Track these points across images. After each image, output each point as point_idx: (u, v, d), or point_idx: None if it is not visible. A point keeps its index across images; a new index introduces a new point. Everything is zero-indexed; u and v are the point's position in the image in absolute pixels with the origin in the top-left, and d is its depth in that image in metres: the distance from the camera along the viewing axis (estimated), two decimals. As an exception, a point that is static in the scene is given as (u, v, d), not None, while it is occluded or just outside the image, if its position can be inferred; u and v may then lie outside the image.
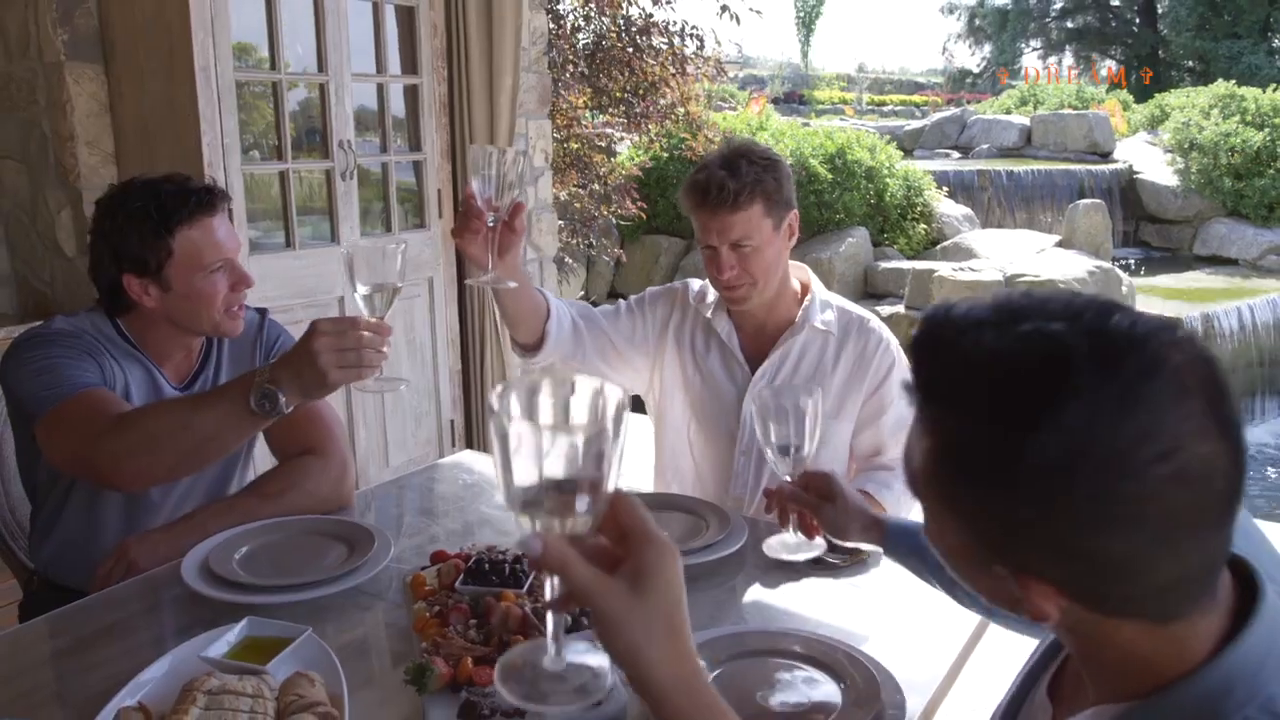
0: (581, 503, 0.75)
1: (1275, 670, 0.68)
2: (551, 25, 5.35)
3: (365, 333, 1.42)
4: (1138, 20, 26.23)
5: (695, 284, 2.18)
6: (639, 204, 6.20)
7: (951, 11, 30.12)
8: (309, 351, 1.41)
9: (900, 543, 1.43)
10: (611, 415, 0.73)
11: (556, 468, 0.73)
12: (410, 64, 3.60)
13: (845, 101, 26.56)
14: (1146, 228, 10.86)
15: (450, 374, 3.86)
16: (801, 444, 1.50)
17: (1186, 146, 10.53)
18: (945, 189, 10.32)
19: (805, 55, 40.22)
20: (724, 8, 6.27)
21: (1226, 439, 0.65)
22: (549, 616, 0.84)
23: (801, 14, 40.02)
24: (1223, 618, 0.71)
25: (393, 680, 1.31)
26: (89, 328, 1.73)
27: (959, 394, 0.69)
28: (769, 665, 1.29)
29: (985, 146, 13.80)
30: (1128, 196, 10.91)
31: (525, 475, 0.73)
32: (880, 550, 1.62)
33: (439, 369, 3.80)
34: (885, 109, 25.37)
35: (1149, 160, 11.34)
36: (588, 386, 0.77)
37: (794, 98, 26.78)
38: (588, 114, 6.01)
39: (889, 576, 1.60)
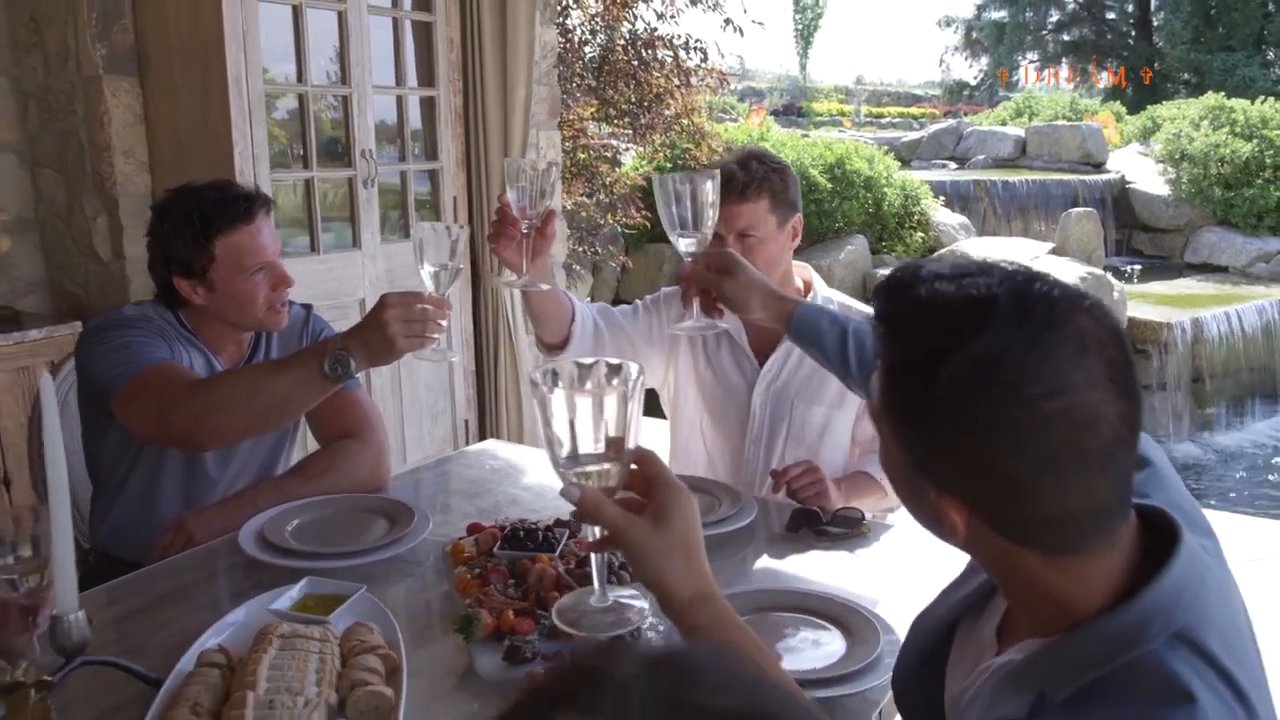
0: (611, 456, 0.96)
1: (1189, 605, 0.78)
2: (560, 39, 5.51)
3: (429, 306, 1.56)
4: (1133, 33, 26.47)
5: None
6: (643, 213, 6.37)
7: (948, 24, 30.38)
8: (379, 321, 1.54)
9: (803, 326, 1.59)
10: (631, 386, 0.94)
11: (590, 429, 0.94)
12: (427, 77, 3.75)
13: (843, 114, 26.71)
14: (1139, 236, 11.04)
15: (465, 374, 4.00)
16: (700, 223, 1.54)
17: (1177, 157, 10.72)
18: (942, 198, 10.49)
19: (803, 68, 40.42)
20: (728, 21, 6.45)
21: (1120, 397, 0.76)
22: (592, 558, 1.07)
23: (800, 27, 40.23)
24: (1124, 561, 0.82)
25: (441, 633, 1.45)
26: (154, 315, 1.88)
27: (906, 327, 0.82)
28: (779, 619, 1.44)
29: (981, 157, 13.97)
30: (1120, 205, 11.09)
31: (566, 437, 0.94)
32: (864, 517, 1.78)
33: (454, 369, 3.94)
34: (883, 121, 25.54)
35: (1141, 170, 11.52)
36: (613, 364, 0.99)
37: (792, 110, 26.93)
38: (593, 125, 6.17)
39: (888, 548, 1.74)
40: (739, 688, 0.45)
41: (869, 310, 2.26)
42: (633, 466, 0.97)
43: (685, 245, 1.57)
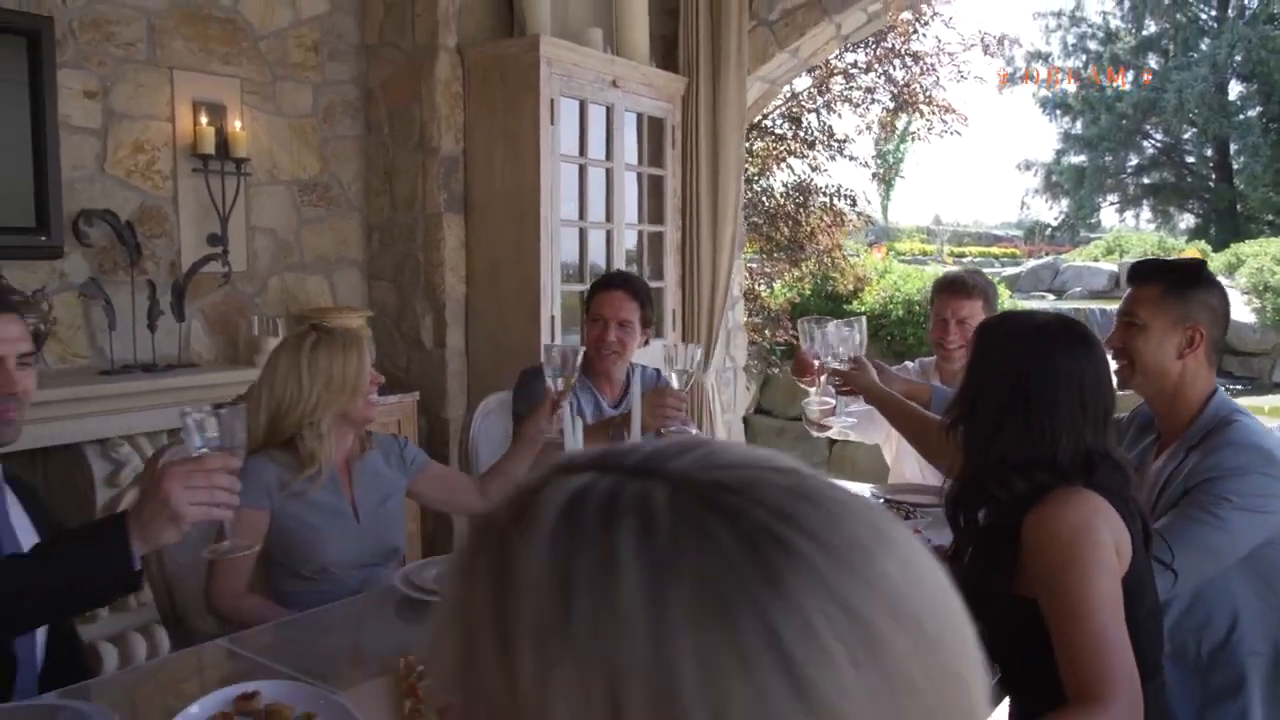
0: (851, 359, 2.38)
1: (1234, 404, 1.94)
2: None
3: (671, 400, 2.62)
4: (1213, 176, 27.19)
5: (911, 364, 3.29)
6: (791, 332, 7.39)
7: (1028, 168, 31.40)
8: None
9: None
10: (860, 326, 2.48)
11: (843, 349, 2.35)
12: (657, 216, 4.86)
13: (925, 252, 27.70)
14: (1229, 359, 11.74)
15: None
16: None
17: (1261, 289, 11.49)
18: (1045, 325, 11.33)
19: (884, 209, 41.96)
20: (874, 174, 7.63)
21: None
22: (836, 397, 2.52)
23: (880, 170, 41.99)
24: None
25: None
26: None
27: (1167, 264, 1.97)
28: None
29: (1078, 289, 14.87)
30: (1211, 333, 11.84)
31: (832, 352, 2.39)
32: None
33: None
34: (964, 260, 26.47)
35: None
36: (848, 321, 2.47)
37: (877, 249, 28.02)
38: (754, 256, 7.27)
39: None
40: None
41: None
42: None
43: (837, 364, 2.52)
